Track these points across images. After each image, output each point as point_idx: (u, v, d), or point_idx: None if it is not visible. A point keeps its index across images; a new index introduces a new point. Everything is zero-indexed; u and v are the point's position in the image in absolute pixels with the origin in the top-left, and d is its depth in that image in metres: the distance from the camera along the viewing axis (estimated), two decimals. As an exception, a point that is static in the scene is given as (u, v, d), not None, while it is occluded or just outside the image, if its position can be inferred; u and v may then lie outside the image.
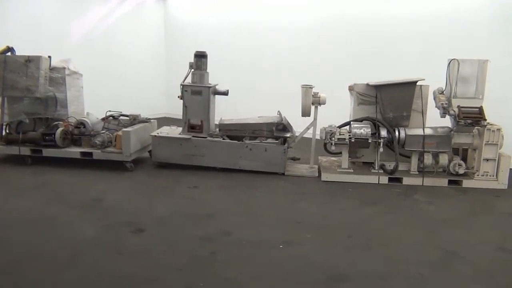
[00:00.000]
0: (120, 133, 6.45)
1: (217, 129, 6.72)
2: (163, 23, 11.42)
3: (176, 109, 11.00)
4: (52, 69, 6.75)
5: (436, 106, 6.05)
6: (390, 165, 6.27)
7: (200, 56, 6.51)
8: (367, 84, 6.37)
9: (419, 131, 6.06)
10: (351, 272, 3.60)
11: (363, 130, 6.07)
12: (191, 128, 6.59)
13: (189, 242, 4.10)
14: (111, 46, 9.78)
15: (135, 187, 5.77)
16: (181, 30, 11.18)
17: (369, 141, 6.02)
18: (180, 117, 6.69)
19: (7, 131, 6.78)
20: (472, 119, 5.76)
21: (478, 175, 5.97)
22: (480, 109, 5.84)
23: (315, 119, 6.54)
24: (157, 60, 11.39)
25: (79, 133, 6.68)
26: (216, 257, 3.81)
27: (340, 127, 6.25)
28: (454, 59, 5.88)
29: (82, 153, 6.46)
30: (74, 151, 6.46)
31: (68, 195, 5.31)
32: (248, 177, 6.22)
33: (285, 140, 6.48)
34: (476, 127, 5.90)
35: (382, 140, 6.01)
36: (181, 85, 6.54)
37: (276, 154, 6.32)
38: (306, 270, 3.61)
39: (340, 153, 6.74)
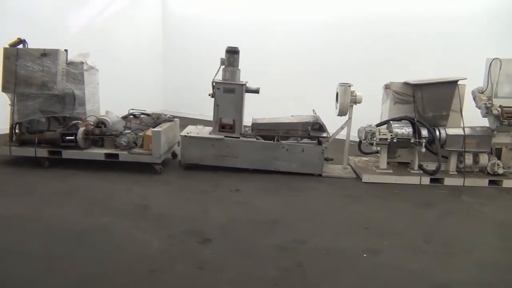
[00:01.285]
0: (149, 133, 6.04)
1: (246, 129, 6.42)
2: (160, 18, 10.97)
3: (172, 106, 10.72)
4: (69, 63, 6.24)
5: (477, 106, 6.02)
6: (426, 165, 6.19)
7: (233, 52, 6.19)
8: (405, 83, 6.25)
9: (459, 131, 6.00)
10: (453, 282, 3.44)
11: (404, 129, 5.96)
12: (222, 127, 6.26)
13: (267, 253, 3.83)
14: (108, 41, 9.23)
15: (174, 191, 5.41)
16: (179, 26, 10.81)
17: (412, 141, 5.89)
18: (178, 114, 6.33)
19: (19, 130, 6.20)
20: (516, 118, 5.74)
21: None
22: (521, 108, 5.83)
23: (350, 118, 6.37)
24: (154, 56, 10.96)
25: (101, 133, 6.21)
26: (304, 270, 3.56)
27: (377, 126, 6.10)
28: (496, 58, 5.84)
29: (107, 155, 5.99)
30: (98, 153, 6.00)
31: (106, 202, 4.90)
32: (285, 178, 5.99)
33: (319, 141, 6.27)
34: (517, 126, 5.88)
35: (424, 140, 5.87)
36: (213, 82, 6.19)
37: (314, 154, 6.11)
38: (406, 281, 3.42)
39: (372, 153, 6.63)
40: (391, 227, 4.49)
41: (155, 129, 6.00)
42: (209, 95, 6.29)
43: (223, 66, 6.27)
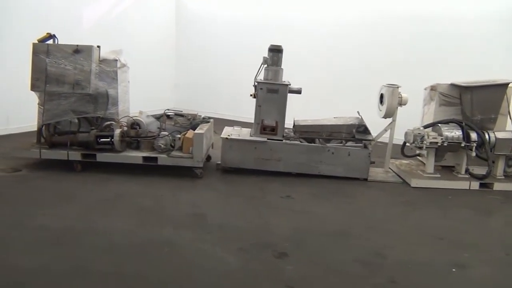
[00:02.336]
0: (189, 135, 5.73)
1: (286, 131, 6.17)
2: (174, 12, 10.60)
3: (183, 103, 10.39)
4: (102, 61, 5.88)
5: (528, 109, 5.87)
6: (472, 169, 6.04)
7: (277, 51, 5.93)
8: (452, 84, 6.07)
9: (507, 134, 5.86)
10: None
11: (454, 133, 5.78)
12: (264, 129, 5.99)
13: (352, 268, 3.61)
14: (119, 38, 8.78)
15: (222, 197, 5.14)
16: (192, 21, 10.47)
17: (462, 145, 5.72)
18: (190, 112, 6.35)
19: (47, 132, 5.82)
20: None
21: None
22: None
23: (394, 120, 6.17)
24: (166, 52, 10.60)
25: (136, 135, 5.88)
26: (400, 287, 3.33)
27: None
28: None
29: (145, 158, 5.67)
30: (135, 156, 5.67)
31: (157, 210, 4.61)
32: (331, 183, 5.78)
33: (365, 144, 6.05)
34: None
35: (475, 144, 5.71)
36: (256, 82, 5.92)
37: (360, 158, 5.90)
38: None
39: (414, 156, 6.46)
40: (464, 237, 4.32)
41: (196, 131, 5.69)
42: (251, 95, 6.01)
43: (265, 65, 5.98)
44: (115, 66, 5.94)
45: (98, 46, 5.87)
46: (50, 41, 5.81)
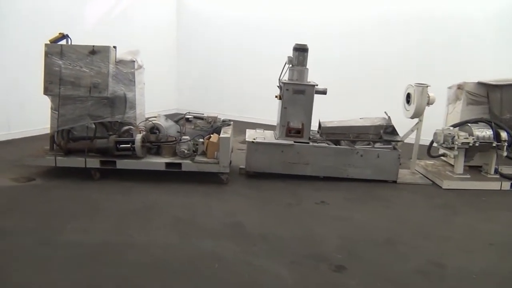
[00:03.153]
0: (214, 139, 5.47)
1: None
2: (175, 12, 10.26)
3: (185, 105, 10.13)
4: (118, 62, 5.57)
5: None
6: (501, 169, 5.93)
7: (302, 50, 5.71)
8: (479, 83, 5.95)
9: (539, 134, 5.74)
10: None
11: (485, 132, 5.65)
12: (289, 132, 5.77)
13: (414, 279, 3.44)
14: (121, 36, 8.43)
15: (256, 204, 4.89)
16: (193, 20, 10.15)
17: (494, 144, 5.60)
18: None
19: (61, 138, 5.49)
20: None
21: None
22: None
23: (421, 120, 6.01)
24: (167, 52, 10.28)
25: (156, 139, 5.59)
26: (471, 300, 3.15)
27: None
28: None
29: (167, 164, 5.39)
30: (158, 162, 5.39)
31: (193, 220, 4.35)
32: (361, 186, 5.60)
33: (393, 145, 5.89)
34: None
35: (506, 144, 5.59)
36: (281, 82, 5.69)
37: (389, 160, 5.74)
38: None
39: (439, 156, 6.33)
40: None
41: (222, 135, 5.43)
42: (276, 97, 5.78)
43: (290, 65, 5.75)
44: (133, 67, 5.64)
45: (114, 47, 5.55)
46: (63, 42, 5.47)
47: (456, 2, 7.68)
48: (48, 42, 5.43)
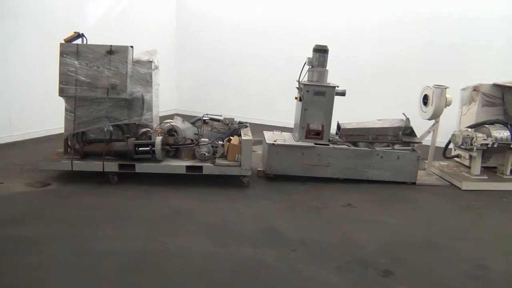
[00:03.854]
0: (235, 141, 5.37)
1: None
2: (174, 11, 10.08)
3: (185, 106, 10.00)
4: (135, 62, 5.41)
5: None
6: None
7: (323, 51, 5.65)
8: (494, 84, 6.01)
9: (551, 135, 5.83)
10: None
11: (503, 134, 5.70)
12: (309, 133, 5.71)
13: (463, 283, 3.43)
14: (121, 35, 8.23)
15: (283, 208, 4.82)
16: (193, 20, 9.99)
17: (511, 146, 5.66)
18: (190, 113, 6.03)
19: (76, 141, 5.31)
20: None
21: None
22: None
23: (437, 121, 6.03)
24: (167, 52, 10.07)
25: (174, 142, 5.45)
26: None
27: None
28: None
29: (188, 168, 5.26)
30: (178, 165, 5.26)
31: (227, 226, 4.25)
32: (382, 189, 5.59)
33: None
34: None
35: (523, 145, 5.66)
36: (302, 84, 5.62)
37: (409, 162, 5.73)
38: None
39: (454, 157, 6.37)
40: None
41: (244, 137, 5.33)
42: (296, 98, 5.70)
43: (310, 66, 5.69)
44: (150, 68, 5.49)
45: (131, 46, 5.38)
46: (78, 41, 5.28)
47: (463, 3, 7.71)
48: (63, 42, 5.22)
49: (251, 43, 9.32)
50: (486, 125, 5.84)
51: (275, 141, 5.60)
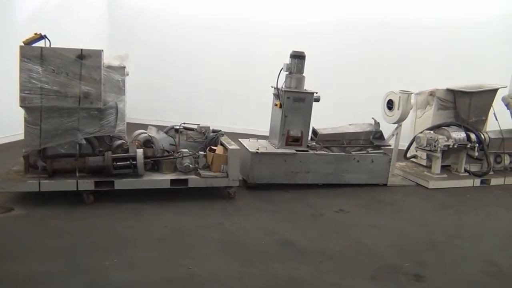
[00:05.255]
0: (219, 151, 5.14)
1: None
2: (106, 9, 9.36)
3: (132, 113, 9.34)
4: (107, 68, 4.93)
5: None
6: (469, 167, 6.55)
7: (300, 57, 5.64)
8: (448, 89, 6.51)
9: (497, 134, 6.48)
10: None
11: (460, 135, 6.20)
12: (288, 140, 5.68)
13: (486, 278, 3.62)
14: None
15: (282, 218, 4.71)
16: (127, 18, 9.39)
17: (468, 146, 6.17)
18: (140, 121, 6.06)
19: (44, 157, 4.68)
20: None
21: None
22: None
23: (400, 125, 6.38)
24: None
25: (152, 154, 5.07)
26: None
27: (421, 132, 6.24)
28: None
29: (173, 181, 4.92)
30: (162, 180, 4.89)
31: (237, 242, 4.04)
32: (358, 191, 5.76)
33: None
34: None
35: (477, 145, 6.20)
36: (281, 90, 5.56)
37: (382, 164, 5.98)
38: None
39: (412, 157, 6.78)
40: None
41: (231, 146, 5.12)
42: (276, 105, 5.63)
43: (287, 73, 5.66)
44: (123, 74, 5.02)
45: (101, 50, 4.87)
46: (40, 43, 4.66)
47: (406, 11, 8.24)
48: (22, 44, 4.55)
49: (200, 43, 8.95)
50: (445, 128, 6.26)
51: (257, 149, 5.44)
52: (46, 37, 4.68)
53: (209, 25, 8.92)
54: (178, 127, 5.58)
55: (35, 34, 4.67)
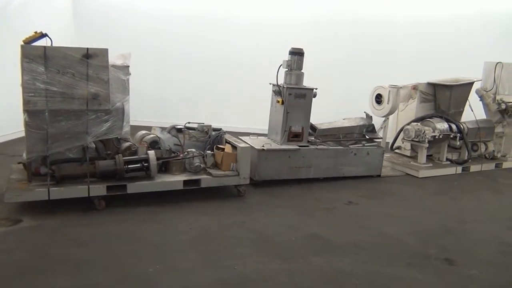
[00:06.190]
0: (228, 150, 5.13)
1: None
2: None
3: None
4: (112, 67, 4.74)
5: (486, 102, 7.06)
6: (452, 156, 6.98)
7: (299, 54, 5.72)
8: (429, 83, 6.87)
9: (474, 124, 6.94)
10: None
11: (444, 126, 6.57)
12: (290, 136, 5.77)
13: (507, 261, 3.89)
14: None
15: (301, 213, 4.76)
16: (93, 13, 9.00)
17: (451, 136, 6.56)
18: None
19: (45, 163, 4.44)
20: (518, 111, 6.99)
21: (511, 157, 7.28)
22: (516, 102, 7.12)
23: (388, 118, 6.66)
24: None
25: (160, 155, 4.97)
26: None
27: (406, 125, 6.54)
28: (499, 62, 6.96)
29: (185, 182, 4.85)
30: (175, 181, 4.80)
31: (272, 240, 4.05)
32: (357, 183, 5.95)
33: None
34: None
35: (458, 135, 6.61)
36: (283, 87, 5.62)
37: (376, 156, 6.21)
38: None
39: (396, 148, 7.10)
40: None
41: (242, 144, 5.11)
42: (278, 102, 5.67)
43: (286, 69, 5.72)
44: (127, 73, 4.86)
45: (107, 49, 4.68)
46: (41, 42, 4.40)
47: (379, 9, 8.54)
48: (22, 43, 4.28)
49: (169, 40, 8.75)
50: (429, 119, 6.60)
51: (263, 146, 5.46)
52: (47, 36, 4.41)
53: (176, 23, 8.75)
54: (180, 126, 5.47)
55: (35, 32, 4.40)
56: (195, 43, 8.75)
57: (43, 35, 4.38)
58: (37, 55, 4.20)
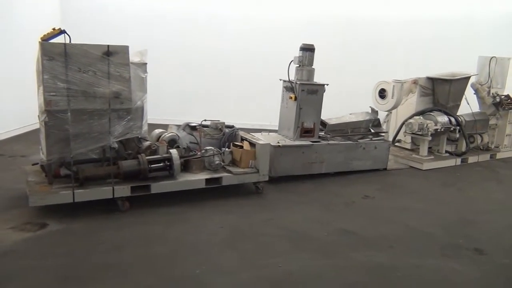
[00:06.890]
0: (246, 147, 5.12)
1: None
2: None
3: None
4: (130, 64, 4.64)
5: (481, 96, 7.30)
6: (450, 148, 7.20)
7: (311, 50, 5.76)
8: (428, 78, 7.05)
9: (471, 117, 7.18)
10: None
11: (444, 119, 6.77)
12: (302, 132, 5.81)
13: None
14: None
15: (323, 209, 4.82)
16: (81, 12, 8.74)
17: (452, 129, 6.77)
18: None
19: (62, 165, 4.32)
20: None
21: (503, 148, 7.58)
22: (508, 96, 7.40)
23: (391, 113, 6.80)
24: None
25: (181, 154, 4.91)
26: None
27: (408, 119, 6.71)
28: (493, 56, 7.21)
29: (207, 181, 4.82)
30: (198, 180, 4.76)
31: (308, 235, 4.08)
32: (366, 177, 6.07)
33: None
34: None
35: (458, 127, 6.83)
36: (295, 83, 5.64)
37: (383, 150, 6.34)
38: None
39: (397, 142, 7.27)
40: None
41: (261, 142, 5.10)
42: (291, 98, 5.69)
43: (298, 65, 5.75)
44: (145, 71, 4.76)
45: (128, 46, 4.56)
46: (59, 39, 4.26)
47: (373, 9, 8.68)
48: (40, 40, 4.12)
49: (159, 38, 8.58)
50: (430, 113, 6.77)
51: (278, 142, 5.48)
52: (66, 32, 4.25)
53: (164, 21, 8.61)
54: (193, 124, 5.41)
55: (54, 29, 4.25)
56: (184, 46, 8.64)
57: (61, 32, 4.22)
58: (57, 53, 4.05)
